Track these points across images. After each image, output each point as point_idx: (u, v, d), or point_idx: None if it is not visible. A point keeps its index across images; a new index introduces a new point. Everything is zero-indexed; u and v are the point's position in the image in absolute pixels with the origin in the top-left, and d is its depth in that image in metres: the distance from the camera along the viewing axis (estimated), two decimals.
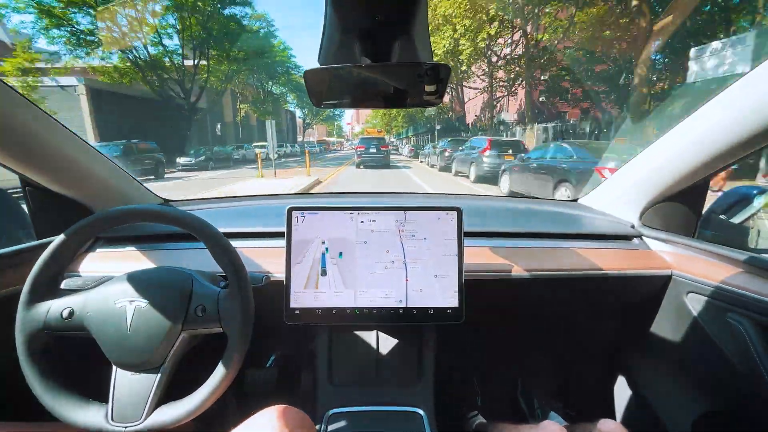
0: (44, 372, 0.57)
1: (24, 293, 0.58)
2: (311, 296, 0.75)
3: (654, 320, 0.97)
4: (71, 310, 0.59)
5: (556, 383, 1.28)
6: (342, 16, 0.51)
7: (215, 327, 0.61)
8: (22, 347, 0.57)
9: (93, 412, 0.57)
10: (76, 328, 0.59)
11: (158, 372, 0.59)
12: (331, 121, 76.44)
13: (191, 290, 0.62)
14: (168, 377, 0.60)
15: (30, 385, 0.56)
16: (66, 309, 0.59)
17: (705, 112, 0.76)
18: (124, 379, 0.59)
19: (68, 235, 0.60)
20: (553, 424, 0.69)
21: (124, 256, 0.89)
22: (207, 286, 0.64)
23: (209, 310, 0.61)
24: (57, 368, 0.59)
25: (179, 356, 0.62)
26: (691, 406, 0.89)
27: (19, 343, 0.57)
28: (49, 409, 0.56)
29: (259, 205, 1.27)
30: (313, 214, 0.76)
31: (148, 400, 0.57)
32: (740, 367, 0.74)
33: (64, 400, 0.57)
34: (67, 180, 0.84)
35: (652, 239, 0.98)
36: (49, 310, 0.58)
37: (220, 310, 0.61)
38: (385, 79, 0.58)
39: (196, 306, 0.61)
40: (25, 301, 0.58)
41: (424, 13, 0.51)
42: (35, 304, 0.58)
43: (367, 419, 0.78)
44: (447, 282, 0.76)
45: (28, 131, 0.70)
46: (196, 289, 0.62)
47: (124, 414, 0.57)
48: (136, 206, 0.63)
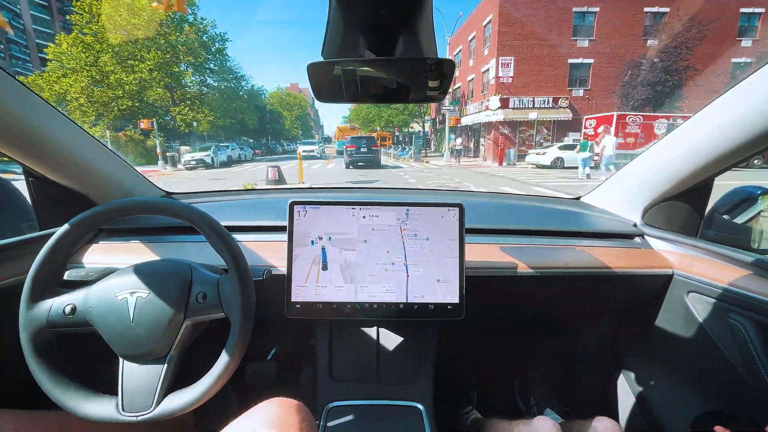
0: (52, 368, 0.57)
1: (25, 291, 0.58)
2: (312, 290, 0.75)
3: (654, 319, 0.96)
4: (73, 306, 0.59)
5: (554, 381, 1.27)
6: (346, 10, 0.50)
7: (217, 312, 0.61)
8: (27, 345, 0.57)
9: (104, 404, 0.57)
10: (80, 324, 0.59)
11: (165, 361, 0.60)
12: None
13: (191, 278, 0.63)
14: (175, 366, 0.61)
15: (38, 381, 0.56)
16: (68, 305, 0.59)
17: (709, 112, 0.75)
18: (131, 370, 0.59)
19: (71, 226, 0.60)
20: (547, 420, 0.69)
21: (126, 248, 0.89)
22: (206, 273, 0.65)
23: (210, 296, 0.61)
24: (64, 364, 0.59)
25: (185, 345, 0.62)
26: (690, 405, 0.89)
27: (25, 341, 0.57)
28: (59, 403, 0.56)
29: (261, 199, 1.27)
30: (315, 209, 0.76)
31: (157, 389, 0.58)
32: (740, 367, 0.74)
33: (73, 394, 0.57)
34: (70, 171, 0.84)
35: (654, 238, 0.98)
36: (51, 308, 0.59)
37: (220, 295, 0.61)
38: (389, 74, 0.57)
39: (196, 293, 0.61)
40: (26, 299, 0.58)
41: (428, 7, 0.50)
42: (37, 302, 0.59)
43: (367, 413, 0.78)
44: (448, 281, 0.76)
45: (31, 122, 0.70)
46: (195, 277, 0.63)
47: (134, 403, 0.57)
48: (137, 198, 0.63)
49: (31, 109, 0.69)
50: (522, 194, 1.59)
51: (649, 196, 0.97)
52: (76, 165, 0.84)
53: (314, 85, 0.57)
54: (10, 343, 0.63)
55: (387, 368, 0.86)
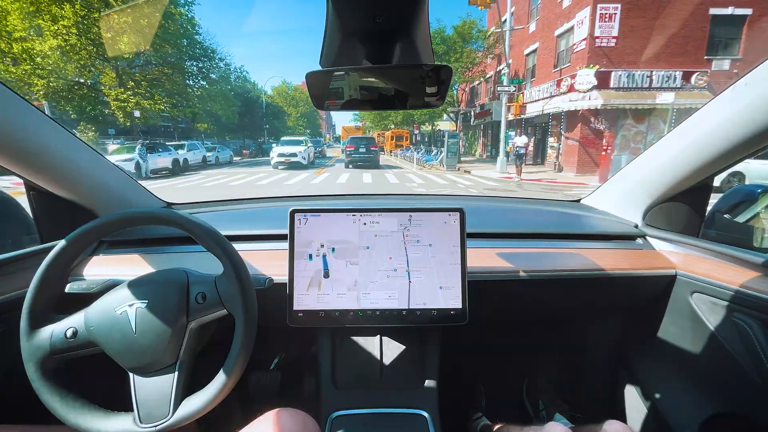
0: (63, 393, 0.57)
1: (23, 321, 0.57)
2: (314, 298, 0.75)
3: (660, 321, 0.95)
4: (74, 330, 0.59)
5: (561, 384, 1.26)
6: (343, 19, 0.51)
7: (219, 310, 0.61)
8: (34, 375, 0.56)
9: (121, 420, 0.57)
10: (84, 345, 0.59)
11: (175, 368, 0.59)
12: None
13: (187, 282, 0.62)
14: (187, 372, 0.60)
15: (51, 408, 0.56)
16: (69, 329, 0.58)
17: (708, 111, 0.75)
18: (143, 382, 0.58)
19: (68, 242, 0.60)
20: (559, 425, 0.67)
21: (128, 259, 0.88)
22: (203, 274, 0.65)
23: (209, 295, 0.61)
24: (74, 387, 0.59)
25: (193, 349, 0.62)
26: (698, 407, 0.87)
27: (31, 372, 0.56)
28: (75, 427, 0.55)
29: (261, 208, 1.26)
30: (316, 217, 0.76)
31: (172, 396, 0.57)
32: (747, 367, 0.73)
33: (88, 416, 0.57)
34: (68, 183, 0.84)
35: (656, 239, 0.97)
36: (52, 334, 0.58)
37: (219, 292, 0.61)
38: (387, 81, 0.58)
39: (195, 294, 0.61)
40: (26, 328, 0.57)
41: (425, 15, 0.51)
42: (37, 330, 0.58)
43: (371, 422, 0.77)
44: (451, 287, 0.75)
45: (30, 135, 0.70)
46: (192, 280, 0.63)
47: (151, 414, 0.57)
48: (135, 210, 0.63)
49: (27, 120, 0.69)
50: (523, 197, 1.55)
51: (650, 197, 0.97)
52: (75, 177, 0.83)
53: (313, 93, 0.58)
54: (12, 357, 0.63)
55: (391, 376, 0.86)
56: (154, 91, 16.96)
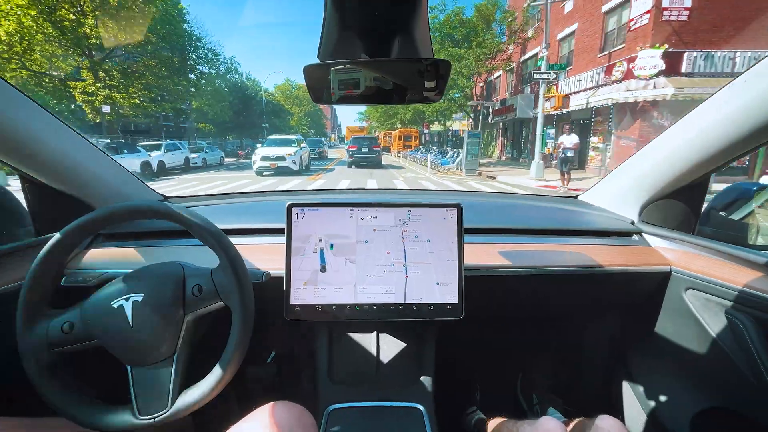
0: (61, 387, 0.57)
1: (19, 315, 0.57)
2: (311, 292, 0.75)
3: (655, 317, 0.96)
4: (71, 323, 0.59)
5: (556, 379, 1.27)
6: (341, 12, 0.50)
7: (216, 302, 0.61)
8: (32, 370, 0.56)
9: (119, 413, 0.57)
10: (81, 338, 0.59)
11: (173, 360, 0.59)
12: None
13: (183, 274, 0.62)
14: (184, 364, 0.60)
15: (48, 402, 0.56)
16: (65, 323, 0.58)
17: (705, 109, 0.75)
18: (141, 375, 0.59)
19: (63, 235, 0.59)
20: (551, 420, 0.68)
21: (123, 253, 0.88)
22: (199, 267, 0.64)
23: (205, 287, 0.61)
24: (72, 380, 0.59)
25: (191, 342, 0.62)
26: (691, 402, 0.89)
27: (29, 366, 0.56)
28: (74, 421, 0.56)
29: (259, 202, 1.26)
30: (313, 211, 0.76)
31: (170, 388, 0.58)
32: (740, 363, 0.74)
33: (87, 409, 0.57)
34: (64, 176, 0.83)
35: (652, 236, 0.98)
36: (48, 328, 0.58)
37: (216, 284, 0.61)
38: (385, 75, 0.58)
39: (192, 287, 0.61)
40: (21, 323, 0.57)
41: (423, 8, 0.50)
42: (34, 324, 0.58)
43: (368, 415, 0.78)
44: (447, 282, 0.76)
45: (26, 128, 0.69)
46: (188, 272, 0.63)
47: (149, 407, 0.57)
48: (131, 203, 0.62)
49: (25, 114, 0.68)
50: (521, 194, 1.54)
51: (646, 194, 0.97)
52: (71, 169, 0.83)
53: (310, 86, 0.58)
54: (9, 348, 0.63)
55: (387, 370, 0.86)
56: (128, 82, 14.77)
